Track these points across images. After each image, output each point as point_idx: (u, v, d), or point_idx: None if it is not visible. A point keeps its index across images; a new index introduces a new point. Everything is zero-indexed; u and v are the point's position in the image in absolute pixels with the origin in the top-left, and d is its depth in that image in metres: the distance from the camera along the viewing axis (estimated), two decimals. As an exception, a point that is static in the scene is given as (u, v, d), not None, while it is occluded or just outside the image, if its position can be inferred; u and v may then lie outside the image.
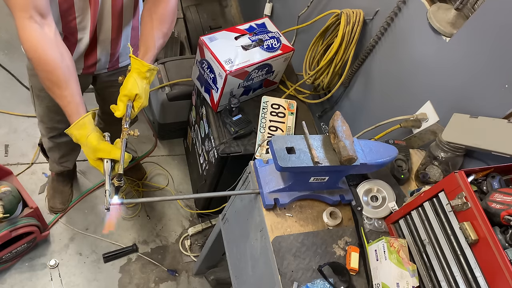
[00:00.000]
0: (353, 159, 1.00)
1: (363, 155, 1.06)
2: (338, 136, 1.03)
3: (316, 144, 1.06)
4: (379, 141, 1.14)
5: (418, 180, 1.26)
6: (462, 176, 0.87)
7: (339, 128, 1.04)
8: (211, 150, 1.72)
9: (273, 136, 1.05)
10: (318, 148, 1.05)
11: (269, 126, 1.64)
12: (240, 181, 1.31)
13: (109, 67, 1.53)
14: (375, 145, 1.11)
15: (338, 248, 1.09)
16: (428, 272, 1.00)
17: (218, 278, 1.93)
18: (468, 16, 1.28)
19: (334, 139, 1.06)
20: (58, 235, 2.06)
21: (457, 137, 1.17)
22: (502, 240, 0.83)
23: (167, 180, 2.38)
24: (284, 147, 1.03)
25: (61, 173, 2.06)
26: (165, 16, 1.22)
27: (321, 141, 1.07)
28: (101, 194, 2.25)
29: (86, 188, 2.22)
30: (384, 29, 1.54)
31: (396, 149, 1.12)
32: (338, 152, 1.02)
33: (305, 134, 1.07)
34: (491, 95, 1.14)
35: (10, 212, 1.62)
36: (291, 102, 1.73)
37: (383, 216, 1.16)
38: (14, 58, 2.58)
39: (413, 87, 1.45)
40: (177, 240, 2.20)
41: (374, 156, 1.08)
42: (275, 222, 1.10)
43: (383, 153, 1.09)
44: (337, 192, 1.17)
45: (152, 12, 1.22)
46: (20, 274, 1.91)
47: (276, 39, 1.67)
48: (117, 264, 2.05)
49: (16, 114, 2.38)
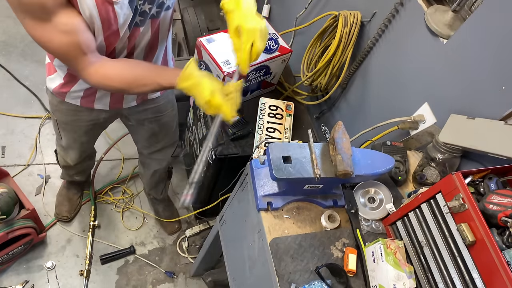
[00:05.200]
0: (349, 174, 1.01)
1: (360, 167, 1.06)
2: (337, 149, 1.03)
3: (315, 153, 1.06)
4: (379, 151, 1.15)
5: (416, 182, 1.26)
6: (459, 178, 0.87)
7: (338, 140, 1.05)
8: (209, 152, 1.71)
9: (271, 144, 1.04)
10: (316, 158, 1.05)
11: (267, 128, 1.64)
12: (237, 182, 1.31)
13: (138, 100, 1.45)
14: (373, 156, 1.12)
15: (336, 249, 1.09)
16: (425, 274, 1.01)
17: (216, 280, 1.92)
18: (465, 18, 1.28)
19: (333, 150, 1.06)
20: (55, 237, 2.06)
21: (454, 138, 1.18)
22: (499, 241, 0.83)
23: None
24: (281, 156, 1.03)
25: (72, 181, 2.06)
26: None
27: (320, 150, 1.08)
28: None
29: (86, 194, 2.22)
30: (382, 31, 1.54)
31: (393, 159, 1.12)
32: (334, 165, 1.03)
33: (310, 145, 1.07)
34: (488, 96, 1.14)
35: (6, 213, 1.61)
36: (289, 104, 1.73)
37: (381, 217, 1.16)
38: (11, 59, 2.58)
39: (411, 88, 1.45)
40: (174, 242, 2.19)
41: (371, 168, 1.08)
42: (273, 223, 1.10)
43: (380, 165, 1.09)
44: (330, 197, 1.17)
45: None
46: (17, 276, 1.90)
47: (274, 40, 1.67)
48: (114, 266, 2.05)
49: (13, 115, 2.37)
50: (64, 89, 1.31)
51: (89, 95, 1.33)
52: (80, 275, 1.96)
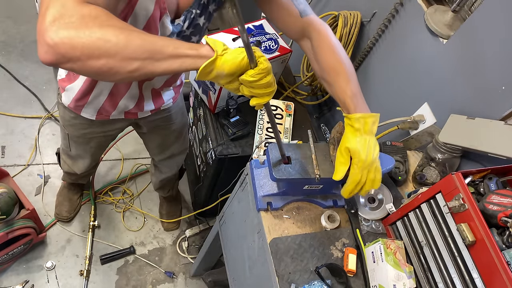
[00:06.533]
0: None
1: None
2: (337, 149, 1.03)
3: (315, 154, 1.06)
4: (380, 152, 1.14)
5: (416, 182, 1.26)
6: (459, 178, 0.87)
7: (339, 141, 1.04)
8: (209, 152, 1.71)
9: (270, 144, 1.04)
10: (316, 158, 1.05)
11: (267, 128, 1.64)
12: (237, 182, 1.31)
13: (155, 107, 1.38)
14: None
15: (336, 249, 1.09)
16: (425, 274, 1.01)
17: (216, 280, 1.92)
18: (465, 18, 1.28)
19: (333, 151, 1.06)
20: (55, 237, 2.05)
21: (454, 138, 1.18)
22: (499, 241, 0.83)
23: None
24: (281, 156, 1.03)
25: (73, 182, 2.06)
26: (332, 62, 1.02)
27: (320, 151, 1.07)
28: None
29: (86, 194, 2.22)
30: (382, 31, 1.54)
31: (393, 159, 1.12)
32: (334, 166, 1.02)
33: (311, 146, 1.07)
34: (488, 96, 1.14)
35: (6, 213, 1.61)
36: (289, 104, 1.73)
37: (381, 217, 1.16)
38: (11, 59, 2.58)
39: (411, 89, 1.45)
40: (174, 242, 2.19)
41: None
42: (273, 223, 1.10)
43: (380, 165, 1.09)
44: (330, 197, 1.17)
45: (321, 66, 1.04)
46: (16, 276, 1.90)
47: (273, 40, 1.68)
48: (114, 266, 2.05)
49: (13, 115, 2.37)
50: (80, 101, 1.24)
51: (107, 106, 1.26)
52: (80, 275, 1.96)
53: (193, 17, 1.03)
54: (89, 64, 0.65)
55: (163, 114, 1.48)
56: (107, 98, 1.23)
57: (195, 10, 1.02)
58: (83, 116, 1.31)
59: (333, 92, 1.04)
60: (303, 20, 1.05)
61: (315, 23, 1.05)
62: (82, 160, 1.68)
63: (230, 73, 0.74)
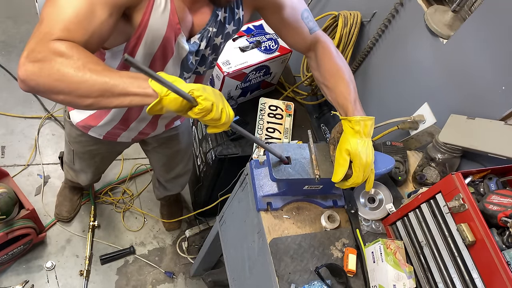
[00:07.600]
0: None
1: None
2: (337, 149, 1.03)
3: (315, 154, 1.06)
4: (379, 151, 1.14)
5: (415, 182, 1.26)
6: (459, 178, 0.87)
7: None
8: (209, 152, 1.71)
9: (271, 144, 1.04)
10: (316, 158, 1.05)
11: (267, 128, 1.64)
12: (237, 182, 1.31)
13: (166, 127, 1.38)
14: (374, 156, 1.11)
15: (336, 250, 1.09)
16: (425, 274, 1.00)
17: (216, 280, 1.92)
18: (465, 18, 1.28)
19: (333, 151, 1.06)
20: (55, 237, 2.05)
21: (454, 138, 1.18)
22: (499, 241, 0.83)
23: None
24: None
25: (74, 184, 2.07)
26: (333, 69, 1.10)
27: (320, 151, 1.07)
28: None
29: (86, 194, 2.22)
30: (382, 31, 1.54)
31: (393, 160, 1.12)
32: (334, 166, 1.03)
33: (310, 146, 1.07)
34: (488, 97, 1.14)
35: (6, 214, 1.61)
36: (289, 104, 1.73)
37: (381, 217, 1.16)
38: (11, 58, 2.58)
39: (411, 88, 1.45)
40: (174, 242, 2.19)
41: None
42: (273, 224, 1.10)
43: (380, 165, 1.09)
44: (330, 197, 1.17)
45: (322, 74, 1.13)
46: (16, 276, 1.90)
47: (273, 40, 1.67)
48: (114, 266, 2.05)
49: (13, 115, 2.37)
50: (92, 122, 1.23)
51: (116, 130, 1.26)
52: (80, 275, 1.96)
53: (210, 36, 1.02)
54: (53, 97, 0.75)
55: (171, 132, 1.48)
56: (118, 123, 1.22)
57: (211, 29, 1.01)
58: (90, 135, 1.31)
59: (333, 97, 1.09)
60: (312, 36, 1.14)
61: (321, 38, 1.15)
62: (85, 174, 1.69)
63: (177, 111, 0.77)
